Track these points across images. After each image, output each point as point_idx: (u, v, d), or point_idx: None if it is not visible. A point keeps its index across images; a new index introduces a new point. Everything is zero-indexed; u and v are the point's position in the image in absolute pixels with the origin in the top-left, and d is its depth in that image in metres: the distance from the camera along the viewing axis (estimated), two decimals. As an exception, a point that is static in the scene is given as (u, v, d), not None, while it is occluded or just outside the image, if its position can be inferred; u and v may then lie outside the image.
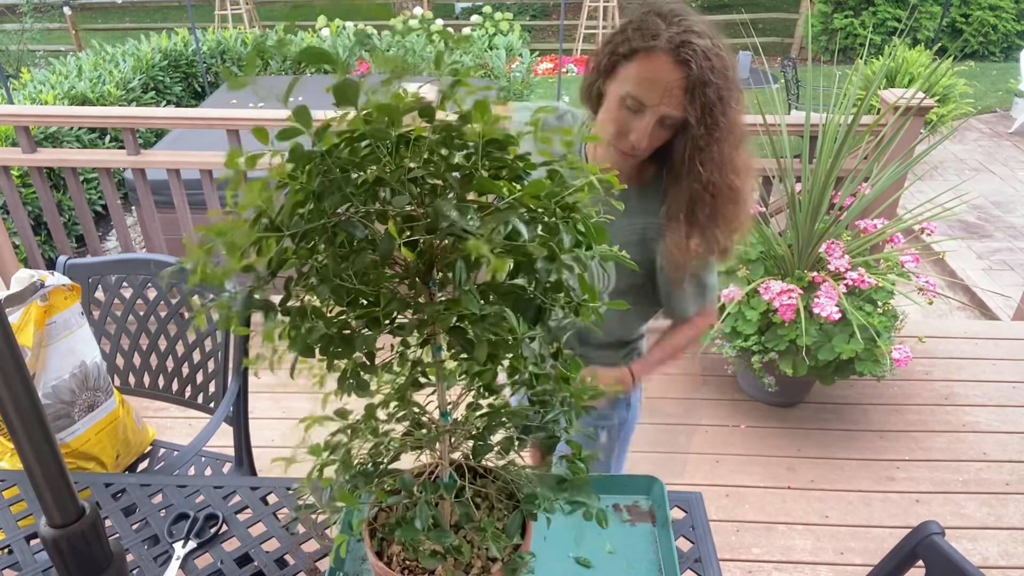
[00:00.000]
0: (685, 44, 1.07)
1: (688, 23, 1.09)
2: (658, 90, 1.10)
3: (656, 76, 1.10)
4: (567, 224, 0.72)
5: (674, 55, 1.08)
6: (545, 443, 0.90)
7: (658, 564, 1.21)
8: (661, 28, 1.09)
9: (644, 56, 1.10)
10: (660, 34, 1.09)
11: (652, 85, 1.10)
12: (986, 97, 7.93)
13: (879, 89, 2.80)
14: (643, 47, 1.10)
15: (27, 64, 8.52)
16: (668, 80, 1.09)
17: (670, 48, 1.08)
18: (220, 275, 0.67)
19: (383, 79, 0.67)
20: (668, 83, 1.10)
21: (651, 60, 1.10)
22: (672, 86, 1.10)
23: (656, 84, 1.10)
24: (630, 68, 1.12)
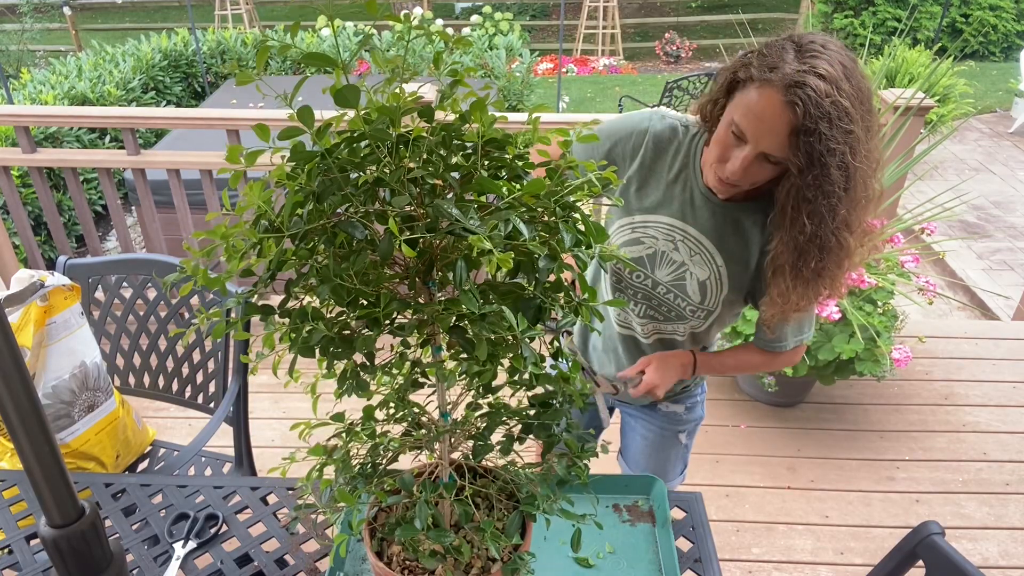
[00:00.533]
0: (800, 85, 0.99)
1: (816, 63, 1.00)
2: (761, 126, 1.04)
3: (761, 112, 1.03)
4: (567, 223, 0.72)
5: (785, 94, 1.00)
6: (546, 442, 0.90)
7: (658, 564, 1.21)
8: (785, 61, 1.01)
9: (758, 87, 1.03)
10: (780, 67, 1.01)
11: (757, 120, 1.04)
12: (986, 97, 7.93)
13: (879, 89, 2.80)
14: (759, 77, 1.03)
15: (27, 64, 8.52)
16: (772, 120, 1.03)
17: (783, 86, 1.00)
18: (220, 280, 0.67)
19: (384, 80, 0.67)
20: (772, 123, 1.03)
21: (761, 93, 1.03)
22: (776, 127, 1.03)
23: (761, 120, 1.04)
24: (744, 96, 1.06)
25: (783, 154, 1.05)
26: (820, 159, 1.02)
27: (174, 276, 0.69)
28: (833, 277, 1.14)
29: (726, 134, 1.10)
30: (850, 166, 1.03)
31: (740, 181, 1.12)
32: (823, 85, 0.99)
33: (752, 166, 1.09)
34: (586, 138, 0.76)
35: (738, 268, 1.28)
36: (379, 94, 0.68)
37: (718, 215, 1.25)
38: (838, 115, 1.00)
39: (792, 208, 1.08)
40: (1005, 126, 7.20)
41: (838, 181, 1.04)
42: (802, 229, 1.08)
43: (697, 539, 1.27)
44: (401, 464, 0.94)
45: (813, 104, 0.99)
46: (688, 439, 1.64)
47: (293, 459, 0.82)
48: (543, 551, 1.22)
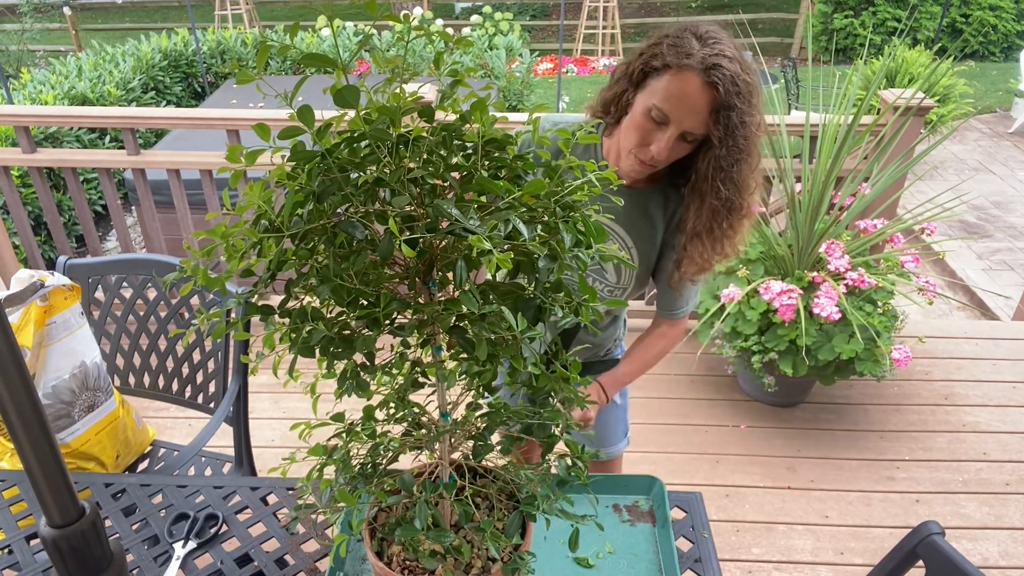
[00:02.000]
0: (716, 67, 1.11)
1: (721, 47, 1.13)
2: (685, 107, 1.14)
3: (684, 93, 1.13)
4: (567, 223, 0.71)
5: (704, 76, 1.11)
6: (545, 443, 0.90)
7: (658, 564, 1.21)
8: (695, 48, 1.12)
9: (675, 72, 1.13)
10: (693, 53, 1.12)
11: (679, 101, 1.14)
12: (986, 97, 7.93)
13: (879, 89, 2.80)
14: (675, 64, 1.13)
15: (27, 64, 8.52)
16: (695, 99, 1.13)
17: (701, 69, 1.11)
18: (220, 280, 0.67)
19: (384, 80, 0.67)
20: (695, 102, 1.13)
21: (681, 77, 1.13)
22: (699, 105, 1.14)
23: (683, 101, 1.14)
24: (660, 82, 1.16)
25: (703, 131, 1.17)
26: (734, 131, 1.15)
27: (174, 276, 0.69)
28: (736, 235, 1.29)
29: (644, 120, 1.19)
30: (751, 135, 1.17)
31: (663, 161, 1.22)
32: (733, 66, 1.12)
33: (674, 146, 1.19)
34: (588, 138, 0.77)
35: (647, 247, 1.40)
36: (379, 94, 0.68)
37: (626, 203, 1.36)
38: (748, 91, 1.14)
39: (711, 176, 1.20)
40: (1005, 126, 7.20)
41: (744, 148, 1.17)
42: (717, 194, 1.22)
43: (697, 539, 1.27)
44: (401, 464, 0.94)
45: (730, 82, 1.11)
46: (621, 399, 1.74)
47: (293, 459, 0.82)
48: (543, 551, 1.22)
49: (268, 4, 12.12)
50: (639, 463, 2.56)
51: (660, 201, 1.37)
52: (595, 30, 9.87)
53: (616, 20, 9.81)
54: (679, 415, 2.82)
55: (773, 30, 10.91)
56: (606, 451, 1.74)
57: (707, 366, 3.06)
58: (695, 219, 1.27)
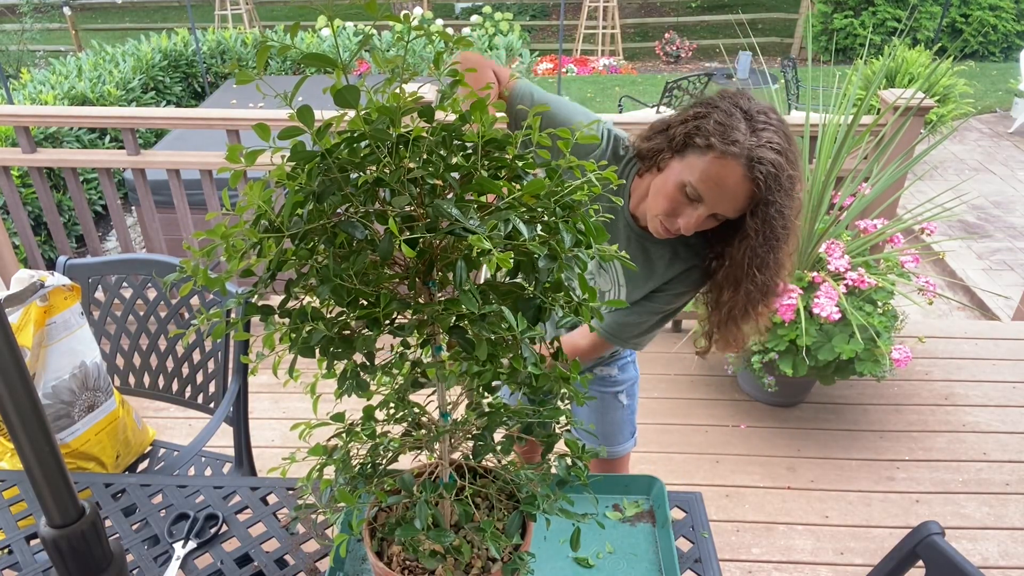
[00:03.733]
0: (760, 161, 1.08)
1: (768, 136, 1.09)
2: (722, 193, 1.12)
3: (723, 181, 1.11)
4: (567, 223, 0.71)
5: (747, 169, 1.09)
6: (545, 442, 0.90)
7: (658, 564, 1.21)
8: (741, 133, 1.09)
9: (717, 157, 1.10)
10: (740, 140, 1.09)
11: (717, 187, 1.12)
12: (986, 97, 7.93)
13: (879, 89, 2.80)
14: (719, 148, 1.09)
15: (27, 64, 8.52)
16: (734, 189, 1.11)
17: (745, 160, 1.08)
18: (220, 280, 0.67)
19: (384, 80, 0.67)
20: (734, 192, 1.11)
21: (723, 164, 1.10)
22: (736, 195, 1.12)
23: (721, 188, 1.11)
24: (700, 161, 1.12)
25: (735, 216, 1.16)
26: (772, 222, 1.13)
27: (174, 276, 0.68)
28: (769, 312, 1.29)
29: (677, 192, 1.16)
30: (790, 224, 1.16)
31: (688, 234, 1.20)
32: (778, 159, 1.09)
33: (703, 223, 1.18)
34: (587, 138, 0.77)
35: (633, 290, 1.39)
36: (379, 94, 0.68)
37: (633, 242, 1.34)
38: (789, 186, 1.12)
39: (747, 264, 1.19)
40: (1005, 126, 7.20)
41: (782, 237, 1.17)
42: (753, 280, 1.20)
43: (697, 539, 1.27)
44: (401, 464, 0.94)
45: (772, 179, 1.09)
46: (629, 399, 1.73)
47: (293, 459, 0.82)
48: (543, 551, 1.22)
49: (268, 4, 12.12)
50: (639, 463, 2.56)
51: (666, 257, 1.34)
52: (595, 30, 9.88)
53: (616, 20, 9.81)
54: (679, 415, 2.82)
55: (773, 30, 10.92)
56: (611, 450, 1.74)
57: (707, 366, 3.06)
58: (730, 305, 1.26)
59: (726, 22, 11.10)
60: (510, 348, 0.74)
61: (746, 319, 1.27)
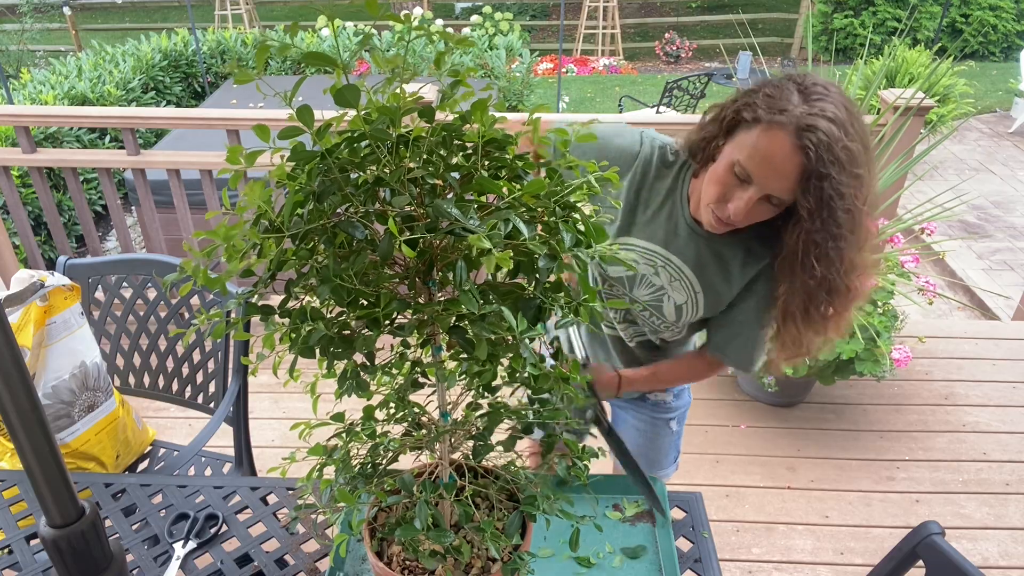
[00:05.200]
0: (811, 129, 0.97)
1: (823, 105, 0.99)
2: (770, 169, 1.02)
3: (771, 154, 1.01)
4: (567, 223, 0.71)
5: (795, 138, 0.98)
6: (545, 443, 0.90)
7: (658, 564, 1.21)
8: (793, 103, 1.00)
9: (765, 129, 1.01)
10: (789, 110, 0.99)
11: (765, 162, 1.02)
12: (986, 97, 7.93)
13: (879, 89, 2.80)
14: (766, 119, 1.01)
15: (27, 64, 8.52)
16: (782, 162, 1.00)
17: (793, 129, 0.98)
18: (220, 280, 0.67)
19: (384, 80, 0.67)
20: (782, 166, 1.01)
21: (770, 136, 1.00)
22: (786, 170, 1.01)
23: (769, 162, 1.02)
24: (748, 136, 1.04)
25: (789, 197, 1.04)
26: (830, 203, 1.00)
27: (174, 276, 0.68)
28: (841, 320, 1.15)
29: (727, 174, 1.07)
30: (855, 210, 1.02)
31: (740, 222, 1.10)
32: (833, 129, 0.97)
33: (755, 207, 1.07)
34: (584, 137, 0.76)
35: (714, 298, 1.27)
36: (379, 94, 0.68)
37: (701, 246, 1.24)
38: (848, 159, 0.99)
39: (802, 253, 1.07)
40: (1005, 126, 7.20)
41: (846, 224, 1.03)
42: (812, 274, 1.07)
43: (697, 539, 1.27)
44: (401, 464, 0.94)
45: (824, 148, 0.97)
46: (678, 425, 1.65)
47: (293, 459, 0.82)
48: (543, 550, 1.22)
49: (268, 4, 12.12)
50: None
51: (740, 256, 1.23)
52: (595, 30, 9.88)
53: (616, 20, 9.81)
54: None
55: (773, 30, 10.91)
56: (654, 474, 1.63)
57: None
58: (787, 299, 1.14)
59: (726, 22, 11.10)
60: (510, 348, 0.74)
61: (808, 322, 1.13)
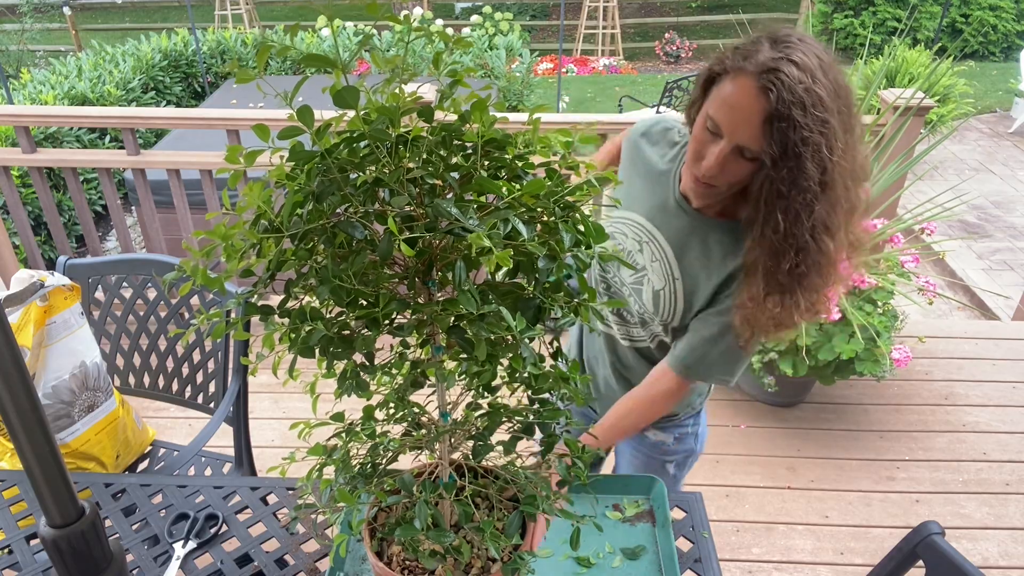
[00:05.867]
0: (773, 71, 0.95)
1: (790, 51, 0.96)
2: (736, 117, 1.00)
3: (735, 100, 0.99)
4: (566, 223, 0.71)
5: (757, 80, 0.96)
6: (546, 443, 0.90)
7: (658, 564, 1.21)
8: (762, 51, 0.98)
9: (731, 78, 1.00)
10: (755, 57, 0.97)
11: (731, 110, 1.00)
12: (986, 97, 7.93)
13: (879, 89, 2.80)
14: (733, 68, 1.00)
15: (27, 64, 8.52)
16: (747, 107, 0.98)
17: (755, 72, 0.97)
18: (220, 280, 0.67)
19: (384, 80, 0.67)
20: (747, 111, 0.98)
21: (735, 83, 0.99)
22: (750, 115, 0.98)
23: (735, 110, 1.00)
24: (718, 89, 1.03)
25: (758, 145, 1.00)
26: (794, 149, 0.96)
27: (173, 275, 0.68)
28: (813, 287, 1.07)
29: (701, 131, 1.06)
30: (827, 161, 0.97)
31: (716, 179, 1.07)
32: (796, 72, 0.95)
33: (729, 162, 1.04)
34: (587, 139, 0.76)
35: (691, 285, 1.22)
36: (378, 94, 0.68)
37: (686, 226, 1.20)
38: (812, 102, 0.95)
39: (765, 203, 1.03)
40: (1005, 126, 7.20)
41: (813, 175, 0.98)
42: (776, 227, 1.03)
43: (697, 539, 1.27)
44: (400, 464, 0.94)
45: (786, 89, 0.94)
46: (677, 470, 1.55)
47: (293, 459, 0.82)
48: (543, 551, 1.22)
49: (268, 4, 12.12)
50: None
51: (728, 242, 1.17)
52: (595, 30, 9.88)
53: (616, 20, 9.81)
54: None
55: (773, 30, 10.90)
56: None
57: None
58: (751, 251, 1.09)
59: (726, 22, 11.10)
60: (510, 348, 0.74)
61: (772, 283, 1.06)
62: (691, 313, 1.24)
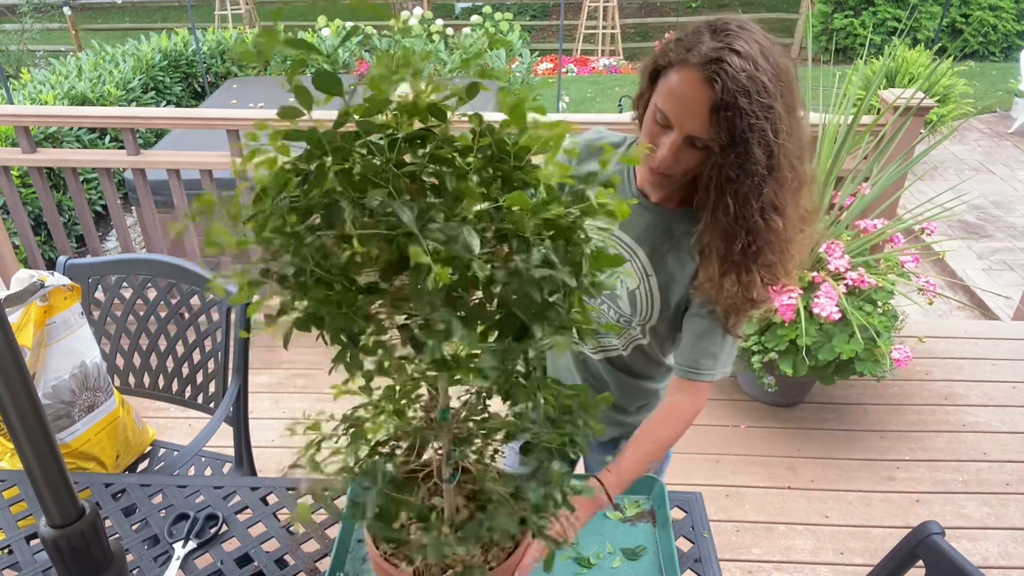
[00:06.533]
0: (716, 62, 0.98)
1: (731, 40, 1.00)
2: (684, 108, 1.03)
3: (682, 93, 1.03)
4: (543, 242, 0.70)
5: (702, 72, 1.00)
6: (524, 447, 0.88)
7: (658, 564, 1.21)
8: (702, 43, 1.01)
9: (676, 70, 1.03)
10: (698, 48, 1.00)
11: (678, 102, 1.03)
12: (986, 97, 7.92)
13: (879, 89, 2.80)
14: (677, 60, 1.03)
15: (27, 64, 8.52)
16: (693, 99, 1.02)
17: (699, 64, 1.00)
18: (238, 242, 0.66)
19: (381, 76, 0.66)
20: (693, 102, 1.02)
21: (680, 75, 1.02)
22: (697, 105, 1.02)
23: (682, 101, 1.03)
24: (664, 81, 1.05)
25: (707, 135, 1.03)
26: (741, 135, 1.00)
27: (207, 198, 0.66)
28: (768, 264, 1.10)
29: (652, 123, 1.08)
30: (772, 144, 1.01)
31: (671, 168, 1.09)
32: (738, 61, 0.98)
33: (681, 152, 1.07)
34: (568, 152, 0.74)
35: (666, 278, 1.23)
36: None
37: (649, 221, 1.22)
38: (756, 89, 0.98)
39: (715, 188, 1.06)
40: (1005, 126, 7.20)
41: (760, 160, 1.02)
42: (726, 210, 1.06)
43: (697, 539, 1.27)
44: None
45: (730, 79, 0.97)
46: (655, 472, 1.53)
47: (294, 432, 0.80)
48: (543, 551, 1.22)
49: (268, 4, 12.12)
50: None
51: (690, 231, 1.19)
52: (595, 30, 9.87)
53: (616, 20, 9.81)
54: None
55: (773, 30, 10.81)
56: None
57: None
58: (704, 233, 1.12)
59: (726, 22, 11.08)
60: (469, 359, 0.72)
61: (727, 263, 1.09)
62: (669, 308, 1.25)
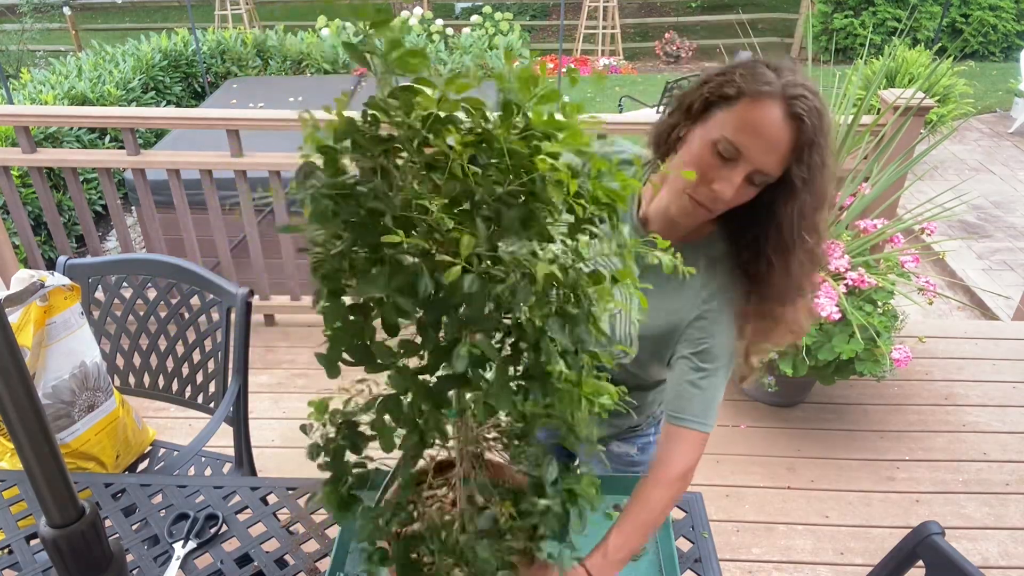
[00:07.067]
0: (801, 98, 0.96)
1: (797, 78, 0.98)
2: (762, 141, 0.98)
3: (762, 124, 0.98)
4: None
5: (787, 106, 0.97)
6: None
7: (658, 564, 1.21)
8: (772, 77, 0.98)
9: (752, 101, 0.98)
10: (773, 82, 0.98)
11: (756, 133, 0.98)
12: (986, 97, 7.92)
13: (879, 89, 2.80)
14: (751, 90, 0.98)
15: (27, 64, 8.52)
16: (775, 133, 0.98)
17: (784, 97, 0.97)
18: None
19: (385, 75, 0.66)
20: (775, 136, 0.98)
21: (761, 106, 0.98)
22: (778, 140, 0.98)
23: (761, 134, 0.98)
24: (732, 111, 1.00)
25: (777, 171, 1.00)
26: (817, 173, 1.00)
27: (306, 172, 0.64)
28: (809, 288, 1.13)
29: (707, 155, 1.02)
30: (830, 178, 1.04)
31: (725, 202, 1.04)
32: (812, 97, 0.98)
33: (742, 186, 1.02)
34: None
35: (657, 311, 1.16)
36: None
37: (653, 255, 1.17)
38: (827, 127, 0.99)
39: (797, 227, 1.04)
40: (1005, 126, 7.20)
41: (823, 193, 1.03)
42: (804, 246, 1.05)
43: (697, 539, 1.27)
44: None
45: (815, 115, 0.97)
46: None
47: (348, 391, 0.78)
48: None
49: (268, 4, 12.11)
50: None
51: (701, 263, 1.14)
52: (595, 30, 9.87)
53: (616, 20, 9.81)
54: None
55: (773, 30, 10.91)
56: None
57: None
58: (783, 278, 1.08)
59: (726, 22, 11.09)
60: None
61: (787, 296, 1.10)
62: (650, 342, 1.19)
